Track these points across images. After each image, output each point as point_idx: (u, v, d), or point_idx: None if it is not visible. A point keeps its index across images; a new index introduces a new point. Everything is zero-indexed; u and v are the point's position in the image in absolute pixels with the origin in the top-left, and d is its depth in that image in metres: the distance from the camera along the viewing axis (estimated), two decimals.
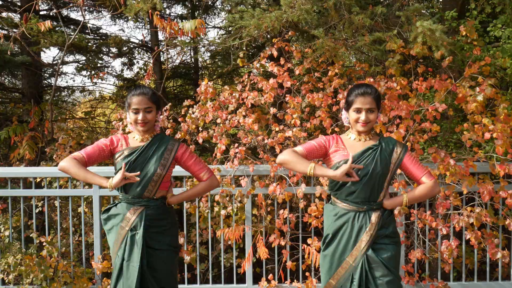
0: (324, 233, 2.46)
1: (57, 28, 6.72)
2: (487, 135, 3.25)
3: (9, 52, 3.95)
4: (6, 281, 3.76)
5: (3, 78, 8.37)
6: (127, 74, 9.72)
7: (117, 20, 8.61)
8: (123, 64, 8.77)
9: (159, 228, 2.49)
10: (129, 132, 2.56)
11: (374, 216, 2.31)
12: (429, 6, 5.07)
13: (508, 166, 3.20)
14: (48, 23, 3.61)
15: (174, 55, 7.83)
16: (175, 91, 9.23)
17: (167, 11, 8.58)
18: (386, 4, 3.48)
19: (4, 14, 5.24)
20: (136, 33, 21.06)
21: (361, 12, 3.27)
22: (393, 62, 3.41)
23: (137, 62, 9.21)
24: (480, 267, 4.07)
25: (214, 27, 8.82)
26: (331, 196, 2.44)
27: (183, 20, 8.92)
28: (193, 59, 8.61)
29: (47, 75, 7.93)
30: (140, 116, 2.39)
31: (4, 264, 3.73)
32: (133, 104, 2.39)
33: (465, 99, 3.37)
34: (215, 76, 9.36)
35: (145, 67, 9.77)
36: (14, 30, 4.91)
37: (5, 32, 6.06)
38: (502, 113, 3.26)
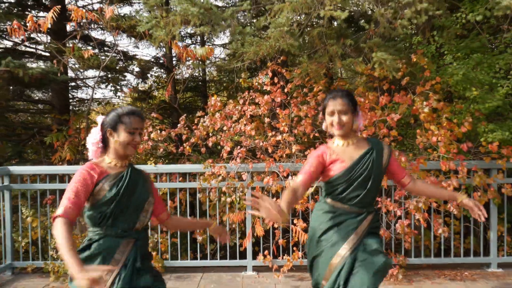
0: (312, 232, 2.42)
1: (82, 47, 7.78)
2: (434, 139, 4.17)
3: (59, 74, 4.93)
4: (56, 256, 4.70)
5: (31, 93, 9.43)
6: (141, 87, 10.73)
7: (132, 38, 9.68)
8: (138, 78, 9.80)
9: (149, 260, 2.28)
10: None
11: (370, 216, 2.33)
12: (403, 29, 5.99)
13: (449, 162, 4.12)
14: (90, 52, 4.59)
15: (185, 70, 8.84)
16: (186, 102, 10.24)
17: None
18: (354, 37, 4.43)
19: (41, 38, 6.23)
20: (149, 50, 22.20)
21: (335, 43, 4.22)
22: (360, 82, 4.35)
23: (151, 76, 10.25)
24: (439, 247, 4.95)
25: (220, 45, 9.82)
26: (327, 199, 2.40)
27: (193, 39, 9.94)
28: (201, 75, 9.61)
29: (70, 88, 8.98)
30: (137, 138, 2.15)
31: (54, 243, 4.68)
32: (133, 123, 2.12)
33: (418, 110, 4.30)
34: (222, 88, 10.38)
35: (157, 80, 10.82)
36: (40, 47, 5.90)
37: (44, 53, 7.11)
38: (445, 121, 4.18)
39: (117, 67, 6.55)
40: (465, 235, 5.00)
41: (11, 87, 6.37)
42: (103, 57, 6.03)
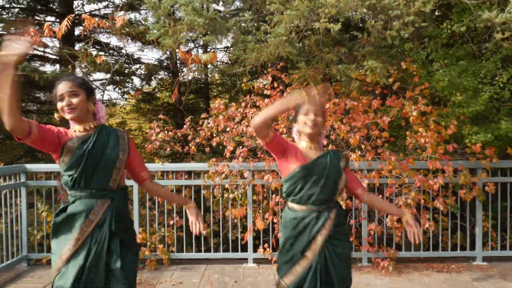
0: (283, 240, 2.50)
1: (89, 49, 8.12)
2: (422, 140, 4.49)
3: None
4: None
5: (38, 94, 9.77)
6: (145, 88, 11.10)
7: (137, 42, 10.03)
8: (142, 79, 10.14)
9: (127, 223, 2.31)
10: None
11: (332, 214, 2.43)
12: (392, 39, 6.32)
13: (435, 162, 4.44)
14: (102, 58, 4.92)
15: (189, 74, 9.18)
16: (189, 103, 10.58)
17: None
18: (350, 44, 4.75)
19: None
20: (153, 53, 22.69)
21: (331, 50, 4.54)
22: (354, 87, 4.68)
23: (155, 78, 10.61)
24: (429, 242, 5.26)
25: (222, 49, 10.16)
26: (288, 203, 2.53)
27: (195, 42, 10.26)
28: (204, 78, 9.95)
29: None
30: (64, 103, 2.15)
31: None
32: (58, 91, 2.16)
33: (408, 114, 4.62)
34: (224, 90, 10.71)
35: (161, 82, 11.16)
36: (51, 53, 6.28)
37: (51, 56, 7.44)
38: (433, 123, 4.50)
39: (126, 71, 6.89)
40: (453, 231, 5.32)
41: (22, 91, 6.67)
42: (112, 62, 6.35)
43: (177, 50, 5.34)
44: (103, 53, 8.80)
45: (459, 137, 4.84)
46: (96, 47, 9.28)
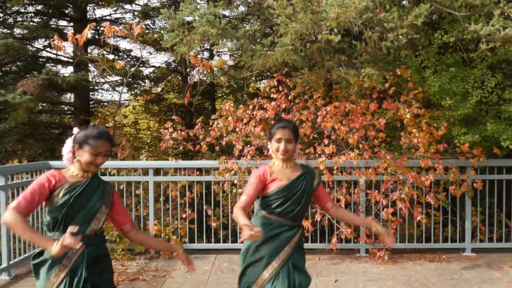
0: (251, 242, 2.54)
1: (100, 52, 8.57)
2: (415, 141, 4.90)
3: (94, 82, 5.68)
4: None
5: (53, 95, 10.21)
6: (153, 90, 11.53)
7: (148, 46, 10.45)
8: (151, 81, 10.56)
9: (102, 266, 2.38)
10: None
11: (300, 230, 2.62)
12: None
13: (427, 160, 4.85)
14: (121, 64, 5.34)
15: (197, 76, 9.61)
16: (195, 104, 11.01)
17: None
18: (350, 52, 5.18)
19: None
20: (161, 55, 23.24)
21: (331, 58, 4.96)
22: (353, 91, 5.09)
23: (164, 80, 11.04)
24: (422, 235, 5.67)
25: (228, 52, 10.58)
26: (264, 212, 2.60)
27: (201, 46, 10.66)
28: (209, 79, 10.38)
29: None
30: (99, 160, 2.29)
31: None
32: (98, 147, 2.26)
33: (402, 116, 5.04)
34: (228, 92, 11.14)
35: (168, 84, 11.59)
36: (63, 56, 6.72)
37: (67, 59, 7.86)
38: (425, 125, 4.92)
39: (140, 75, 7.33)
40: (445, 224, 5.74)
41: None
42: (123, 64, 6.77)
43: (188, 56, 5.77)
44: (113, 56, 9.25)
45: (450, 138, 5.25)
46: (107, 49, 9.72)
